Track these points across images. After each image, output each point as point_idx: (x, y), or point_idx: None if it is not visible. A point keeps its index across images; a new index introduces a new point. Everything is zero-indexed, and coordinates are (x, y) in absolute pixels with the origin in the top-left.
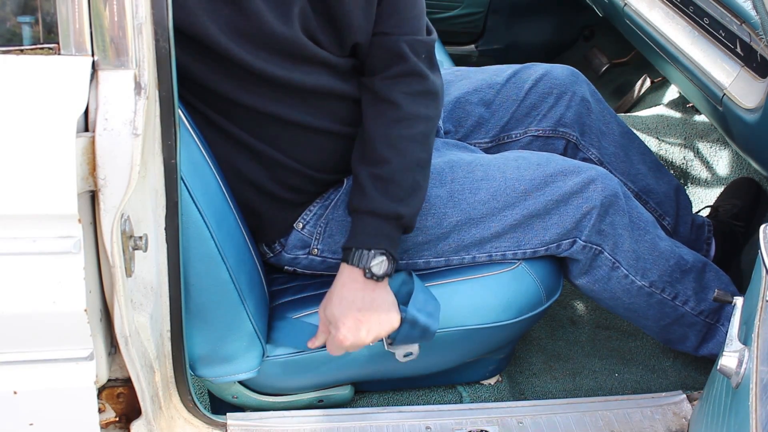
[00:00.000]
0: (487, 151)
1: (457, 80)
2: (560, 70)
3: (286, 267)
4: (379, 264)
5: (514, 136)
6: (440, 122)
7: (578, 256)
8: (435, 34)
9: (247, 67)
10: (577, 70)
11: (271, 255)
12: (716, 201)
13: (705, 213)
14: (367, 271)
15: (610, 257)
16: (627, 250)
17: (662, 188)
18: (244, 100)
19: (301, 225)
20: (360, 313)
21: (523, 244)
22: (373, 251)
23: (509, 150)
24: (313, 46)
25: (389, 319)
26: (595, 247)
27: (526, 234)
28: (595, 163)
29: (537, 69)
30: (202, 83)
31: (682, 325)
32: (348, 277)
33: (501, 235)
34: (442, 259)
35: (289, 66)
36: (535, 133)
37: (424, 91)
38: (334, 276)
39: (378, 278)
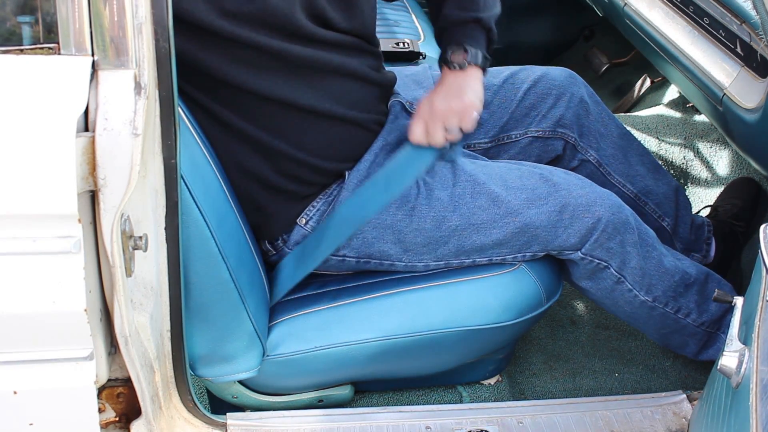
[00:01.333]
0: (486, 151)
1: None
2: (558, 72)
3: None
4: (452, 50)
5: (513, 136)
6: None
7: (577, 263)
8: None
9: (251, 45)
10: (574, 72)
11: (274, 253)
12: (716, 201)
13: (705, 213)
14: (447, 61)
15: (616, 273)
16: (634, 267)
17: (661, 189)
18: (250, 85)
19: (304, 220)
20: (440, 88)
21: (525, 249)
22: (452, 46)
23: (509, 150)
24: (313, 27)
25: (472, 102)
26: (599, 261)
27: (528, 243)
28: (594, 165)
29: (534, 71)
30: (208, 72)
31: (683, 334)
32: (440, 77)
33: (503, 243)
34: (442, 262)
35: (289, 41)
36: (535, 134)
37: None
38: (333, 275)
39: (453, 65)
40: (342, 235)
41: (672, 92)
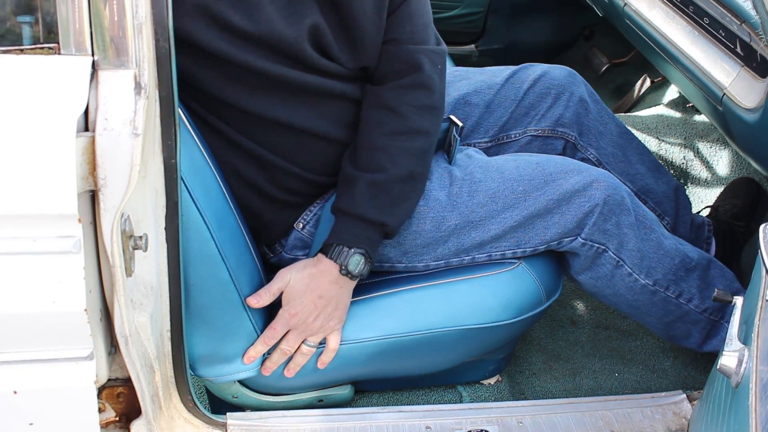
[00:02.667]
0: (486, 150)
1: (456, 81)
2: (558, 71)
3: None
4: (357, 263)
5: (513, 136)
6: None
7: (578, 251)
8: (445, 45)
9: (249, 68)
10: (574, 71)
11: (272, 256)
12: (716, 201)
13: (705, 213)
14: (343, 267)
15: (615, 256)
16: (632, 249)
17: (661, 188)
18: (245, 105)
19: (301, 225)
20: (321, 301)
21: (524, 243)
22: (353, 249)
23: (509, 150)
24: (317, 57)
25: (341, 320)
26: (598, 245)
27: (527, 234)
28: (594, 164)
29: (535, 69)
30: (204, 89)
31: (686, 322)
32: (324, 269)
33: (501, 236)
34: (442, 261)
35: (291, 66)
36: (534, 133)
37: (431, 106)
38: None
39: (352, 276)
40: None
41: (672, 92)
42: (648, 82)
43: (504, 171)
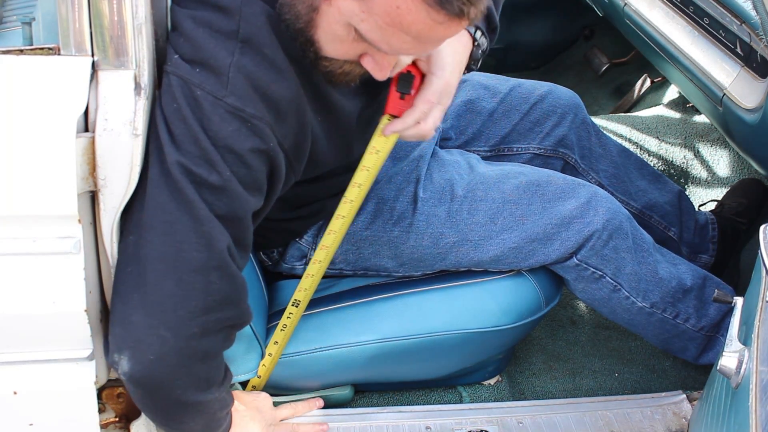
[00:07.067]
0: (485, 159)
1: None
2: (563, 91)
3: (285, 273)
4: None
5: (515, 149)
6: (440, 130)
7: (572, 271)
8: None
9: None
10: (576, 95)
11: (270, 263)
12: (724, 197)
13: (711, 207)
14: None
15: (612, 281)
16: (629, 273)
17: (665, 198)
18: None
19: (300, 235)
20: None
21: (523, 266)
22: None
23: (509, 162)
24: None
25: None
26: (594, 270)
27: (527, 259)
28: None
29: (542, 85)
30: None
31: (683, 339)
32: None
33: (499, 258)
34: (438, 271)
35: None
36: (537, 151)
37: None
38: (334, 277)
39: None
40: None
41: (672, 92)
42: (648, 82)
43: (505, 190)
